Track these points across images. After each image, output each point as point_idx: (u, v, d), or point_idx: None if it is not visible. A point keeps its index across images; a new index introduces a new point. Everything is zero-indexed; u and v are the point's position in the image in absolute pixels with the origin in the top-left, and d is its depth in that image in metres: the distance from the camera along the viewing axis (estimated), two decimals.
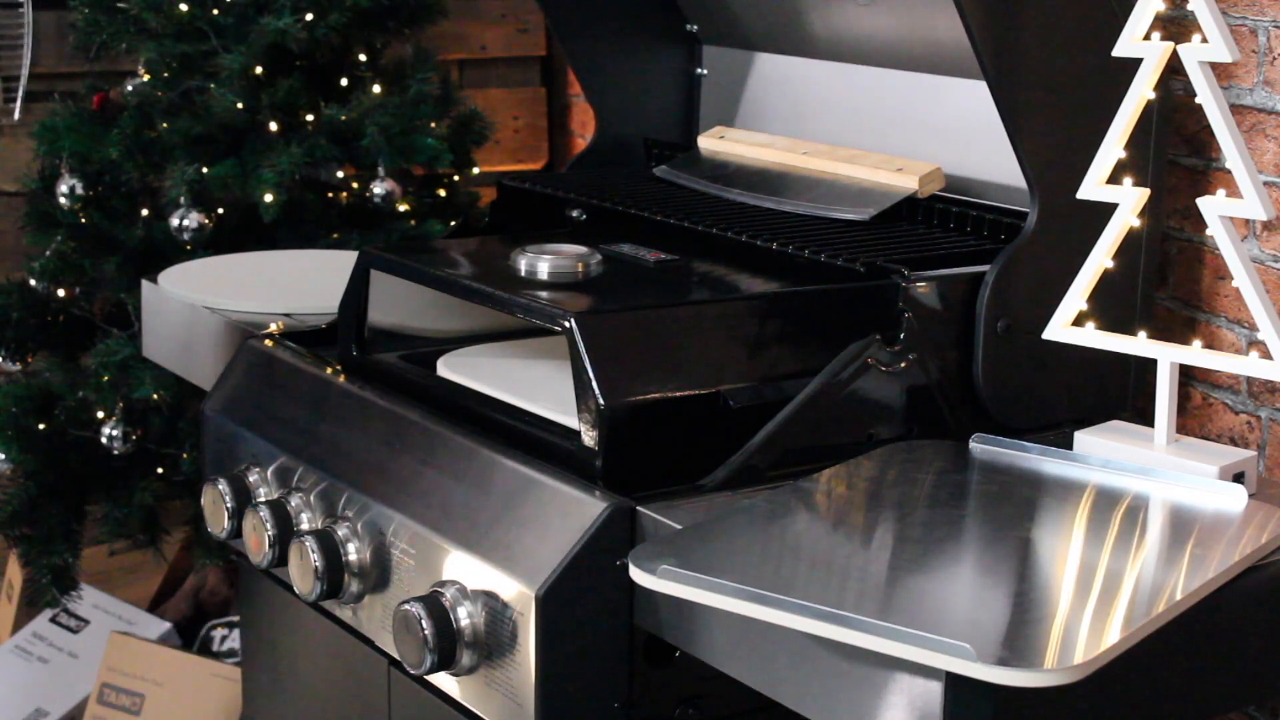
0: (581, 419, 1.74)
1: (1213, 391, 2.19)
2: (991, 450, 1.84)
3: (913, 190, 2.15)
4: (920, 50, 2.21)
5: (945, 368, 1.92)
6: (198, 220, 2.90)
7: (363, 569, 1.87)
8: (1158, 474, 1.75)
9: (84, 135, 3.01)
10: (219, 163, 2.94)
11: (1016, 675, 1.33)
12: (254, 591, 2.26)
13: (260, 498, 2.03)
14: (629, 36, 2.57)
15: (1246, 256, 1.71)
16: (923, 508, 1.69)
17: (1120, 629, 1.41)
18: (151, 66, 3.02)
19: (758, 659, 1.57)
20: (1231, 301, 2.14)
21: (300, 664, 2.17)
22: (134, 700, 3.18)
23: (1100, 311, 1.82)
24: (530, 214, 2.39)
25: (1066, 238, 1.91)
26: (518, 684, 1.67)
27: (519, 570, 1.67)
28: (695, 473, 1.75)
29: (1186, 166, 2.17)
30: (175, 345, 2.48)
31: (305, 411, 2.06)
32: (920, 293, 1.90)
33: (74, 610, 3.40)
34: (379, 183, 3.00)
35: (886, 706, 1.45)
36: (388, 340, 2.13)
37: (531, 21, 3.70)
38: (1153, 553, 1.61)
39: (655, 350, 1.78)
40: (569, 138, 3.73)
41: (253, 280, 2.51)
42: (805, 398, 1.80)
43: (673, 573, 1.50)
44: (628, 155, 2.59)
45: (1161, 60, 1.75)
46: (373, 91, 3.05)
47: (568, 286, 1.91)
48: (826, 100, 2.40)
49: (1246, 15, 2.09)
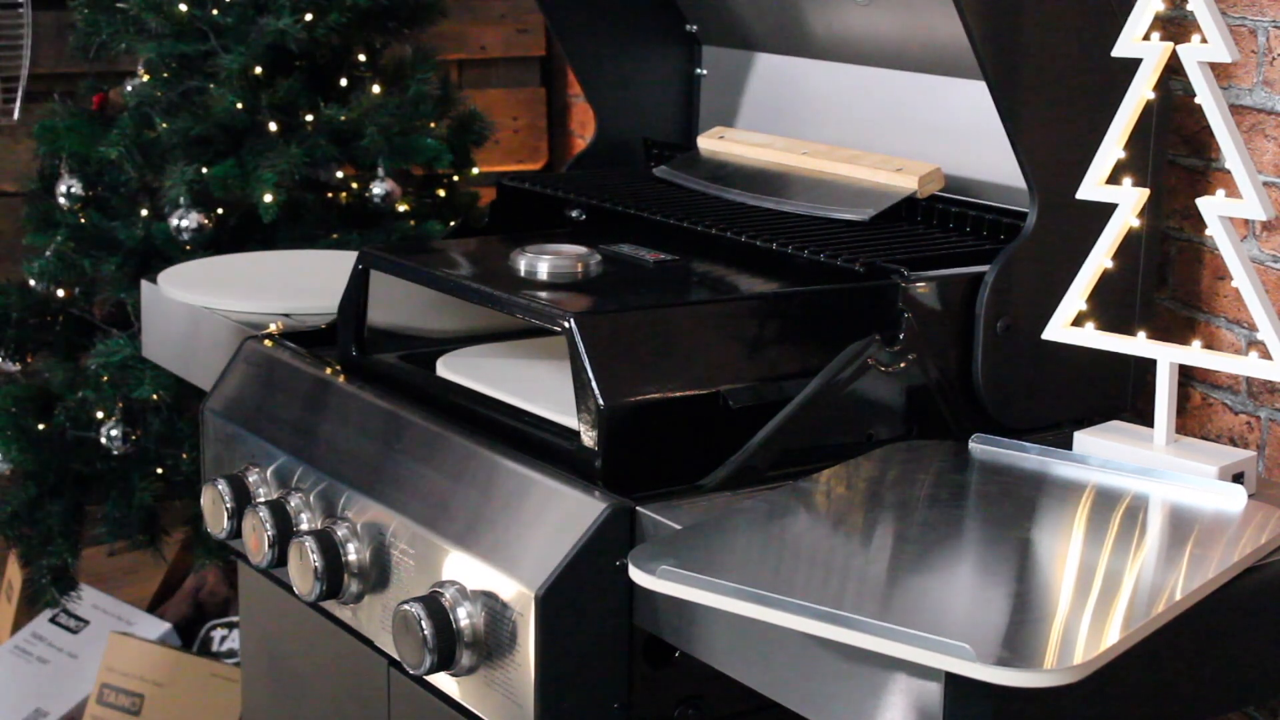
0: (581, 419, 1.74)
1: (1212, 392, 2.19)
2: (991, 450, 1.84)
3: (912, 190, 2.15)
4: (920, 50, 2.21)
5: (945, 368, 1.92)
6: (197, 220, 2.90)
7: (362, 569, 1.87)
8: (1157, 474, 1.75)
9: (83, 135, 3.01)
10: (219, 163, 2.94)
11: (1016, 675, 1.33)
12: (254, 592, 2.26)
13: (260, 498, 2.03)
14: (629, 36, 2.57)
15: (1246, 257, 1.71)
16: (923, 508, 1.69)
17: (1120, 629, 1.41)
18: (151, 66, 3.02)
19: (758, 659, 1.57)
20: (1231, 301, 2.14)
21: (300, 664, 2.17)
22: (134, 700, 3.18)
23: (1100, 311, 1.82)
24: (530, 214, 2.38)
25: (1066, 238, 1.91)
26: (517, 684, 1.67)
27: (519, 570, 1.67)
28: (695, 473, 1.75)
29: (1186, 166, 2.17)
30: (175, 345, 2.48)
31: (305, 412, 2.06)
32: (920, 293, 1.90)
33: (74, 610, 3.40)
34: (379, 183, 3.00)
35: (886, 706, 1.45)
36: (387, 340, 2.13)
37: (531, 22, 3.70)
38: (1152, 553, 1.61)
39: (655, 350, 1.78)
40: (569, 138, 3.73)
41: (253, 280, 2.51)
42: (805, 398, 1.80)
43: (672, 573, 1.50)
44: (627, 155, 2.59)
45: (1161, 60, 1.75)
46: (372, 92, 3.05)
47: (567, 286, 1.91)
48: (826, 100, 2.40)
49: (1246, 15, 2.09)
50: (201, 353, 2.39)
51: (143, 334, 2.61)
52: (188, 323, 2.42)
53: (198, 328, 2.40)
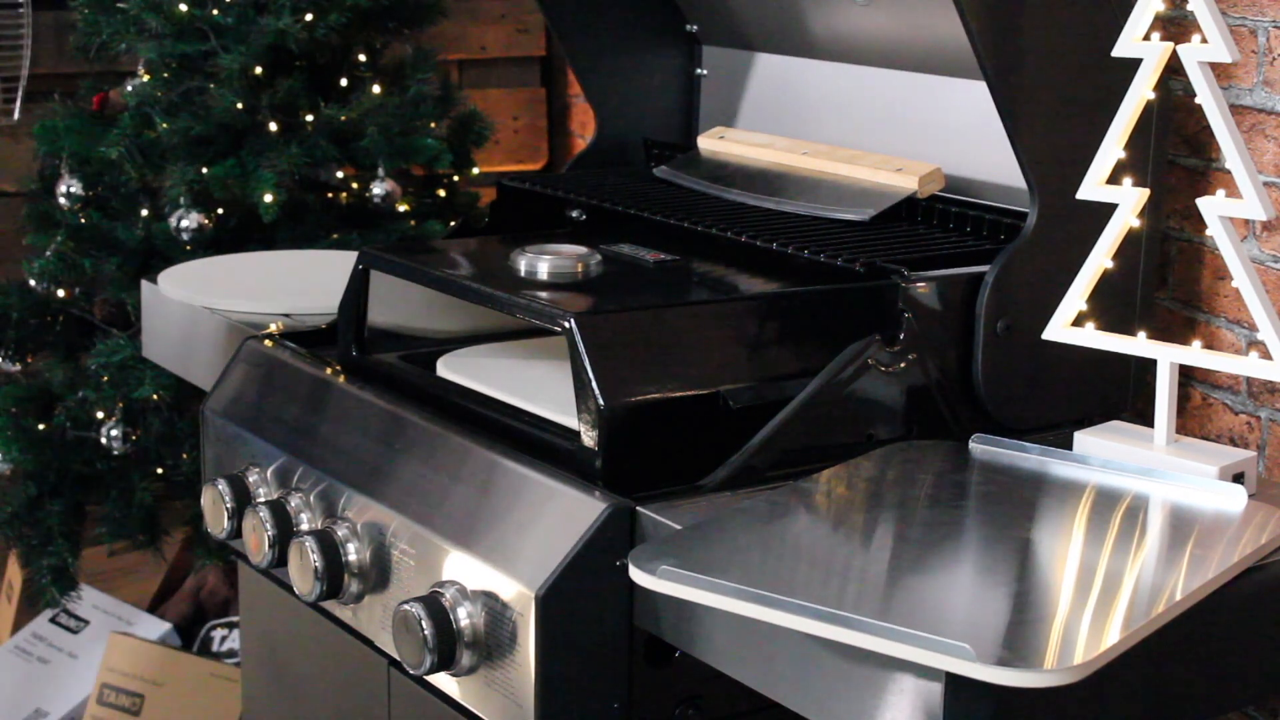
0: (581, 419, 1.74)
1: (1212, 392, 2.19)
2: (991, 450, 1.84)
3: (912, 190, 2.15)
4: (920, 50, 2.21)
5: (945, 368, 1.92)
6: (197, 220, 2.90)
7: (362, 569, 1.87)
8: (1157, 474, 1.75)
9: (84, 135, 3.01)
10: (219, 163, 2.94)
11: (1016, 675, 1.33)
12: (254, 592, 2.26)
13: (260, 498, 2.03)
14: (629, 36, 2.57)
15: (1246, 257, 1.71)
16: (923, 508, 1.69)
17: (1120, 629, 1.41)
18: (151, 66, 3.02)
19: (758, 659, 1.57)
20: (1231, 301, 2.14)
21: (300, 664, 2.17)
22: (134, 700, 3.18)
23: (1100, 312, 1.81)
24: (530, 214, 2.38)
25: (1066, 238, 1.91)
26: (517, 684, 1.67)
27: (519, 570, 1.67)
28: (695, 473, 1.75)
29: (1186, 166, 2.17)
30: (175, 345, 2.48)
31: (305, 412, 2.06)
32: (920, 293, 1.90)
33: (74, 610, 3.40)
34: (379, 183, 3.00)
35: (886, 706, 1.45)
36: (387, 340, 2.13)
37: (531, 22, 3.70)
38: (1152, 553, 1.61)
39: (655, 350, 1.78)
40: (569, 138, 3.73)
41: (253, 280, 2.51)
42: (805, 398, 1.80)
43: (673, 573, 1.50)
44: (628, 155, 2.59)
45: (1161, 60, 1.75)
46: (372, 92, 3.05)
47: (567, 286, 1.91)
48: (826, 100, 2.40)
49: (1246, 15, 2.09)
50: (201, 353, 2.39)
51: (143, 334, 2.61)
52: (188, 323, 2.42)
53: (198, 328, 2.40)
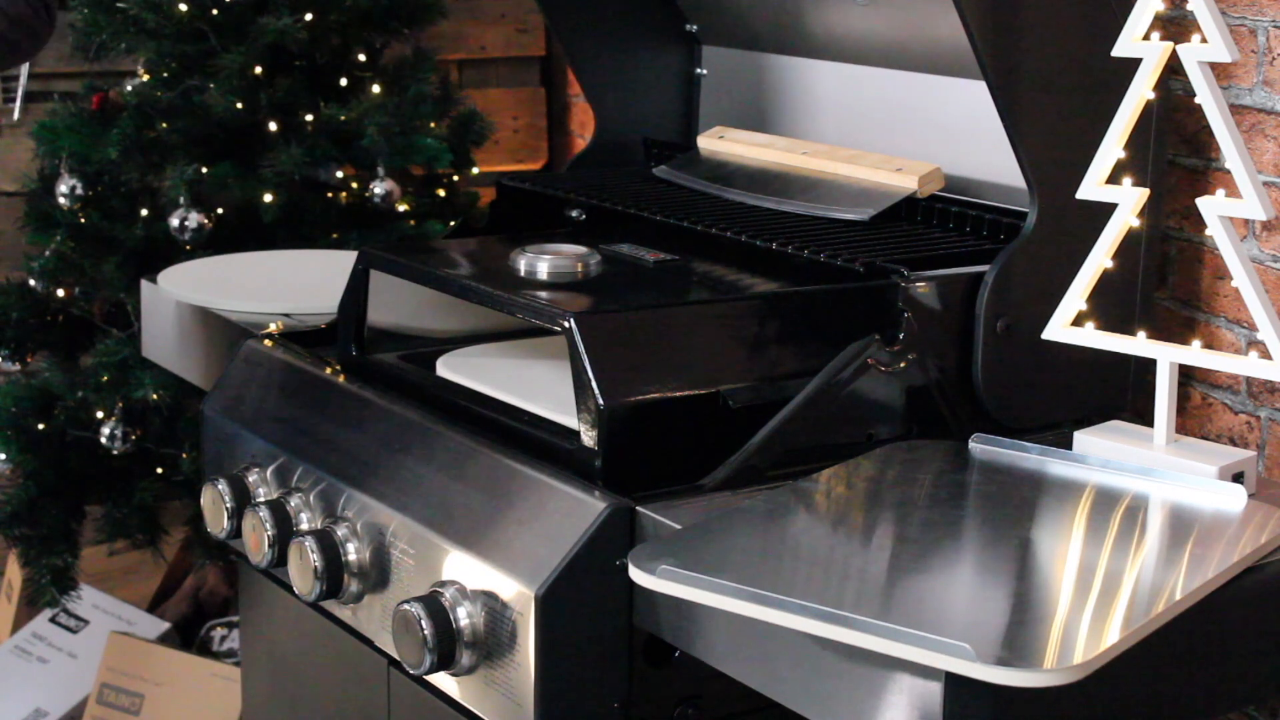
0: (581, 419, 1.74)
1: (1212, 391, 2.19)
2: (991, 450, 1.84)
3: (912, 190, 2.15)
4: (920, 50, 2.21)
5: (945, 368, 1.92)
6: (197, 220, 2.90)
7: (362, 569, 1.87)
8: (1157, 474, 1.75)
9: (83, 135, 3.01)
10: (219, 163, 2.94)
11: (1016, 675, 1.33)
12: (254, 591, 2.26)
13: (260, 498, 2.03)
14: (629, 36, 2.57)
15: (1246, 256, 1.71)
16: (922, 508, 1.69)
17: (1120, 629, 1.41)
18: (151, 66, 3.02)
19: (758, 659, 1.57)
20: (1231, 301, 2.14)
21: (300, 664, 2.17)
22: (133, 700, 3.18)
23: (1100, 311, 1.81)
24: (530, 214, 2.38)
25: (1066, 238, 1.91)
26: (517, 684, 1.67)
27: (519, 570, 1.67)
28: (695, 473, 1.75)
29: (1186, 166, 2.17)
30: (175, 345, 2.48)
31: (305, 411, 2.06)
32: (920, 293, 1.90)
33: (74, 610, 3.40)
34: (379, 183, 3.00)
35: (886, 706, 1.45)
36: (387, 340, 2.13)
37: (531, 21, 3.70)
38: (1152, 553, 1.61)
39: (655, 350, 1.78)
40: (569, 138, 3.73)
41: (253, 280, 2.51)
42: (805, 398, 1.80)
43: (672, 573, 1.50)
44: (627, 155, 2.59)
45: (1161, 60, 1.75)
46: (372, 92, 3.05)
47: (567, 286, 1.91)
48: (826, 100, 2.40)
49: (1246, 15, 2.09)
50: (201, 353, 2.39)
51: (143, 334, 2.61)
52: (188, 322, 2.42)
53: (198, 327, 2.40)
